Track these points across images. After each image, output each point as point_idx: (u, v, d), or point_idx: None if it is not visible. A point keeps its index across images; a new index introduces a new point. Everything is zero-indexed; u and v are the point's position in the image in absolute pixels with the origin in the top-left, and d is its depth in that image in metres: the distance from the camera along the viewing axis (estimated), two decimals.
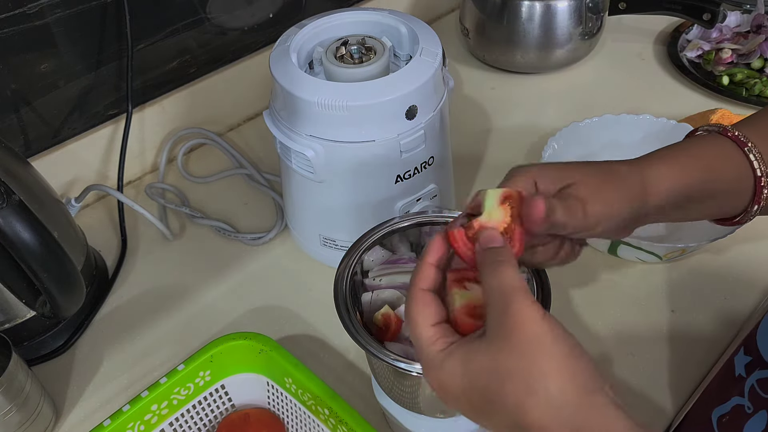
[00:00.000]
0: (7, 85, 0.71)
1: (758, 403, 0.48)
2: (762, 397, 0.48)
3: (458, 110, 0.89)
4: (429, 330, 0.37)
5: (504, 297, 0.35)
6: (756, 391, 0.49)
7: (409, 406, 0.52)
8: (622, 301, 0.67)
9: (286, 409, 0.57)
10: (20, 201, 0.50)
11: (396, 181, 0.64)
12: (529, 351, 0.33)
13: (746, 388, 0.50)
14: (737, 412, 0.50)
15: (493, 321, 0.35)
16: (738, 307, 0.66)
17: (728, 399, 0.51)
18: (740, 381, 0.51)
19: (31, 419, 0.57)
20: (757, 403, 0.48)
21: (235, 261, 0.74)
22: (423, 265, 0.40)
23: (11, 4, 0.67)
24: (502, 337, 0.34)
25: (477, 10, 0.97)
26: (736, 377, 0.51)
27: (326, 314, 0.53)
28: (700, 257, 0.71)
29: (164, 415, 0.54)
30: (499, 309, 0.34)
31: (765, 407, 0.48)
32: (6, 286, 0.58)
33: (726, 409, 0.51)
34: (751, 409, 0.49)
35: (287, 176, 0.69)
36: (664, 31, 1.04)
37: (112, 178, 0.81)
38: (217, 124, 0.90)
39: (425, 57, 0.61)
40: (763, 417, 0.48)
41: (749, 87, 0.91)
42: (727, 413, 0.51)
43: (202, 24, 0.84)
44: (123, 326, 0.68)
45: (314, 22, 0.66)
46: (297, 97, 0.59)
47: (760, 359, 0.49)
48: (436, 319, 0.38)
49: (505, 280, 0.35)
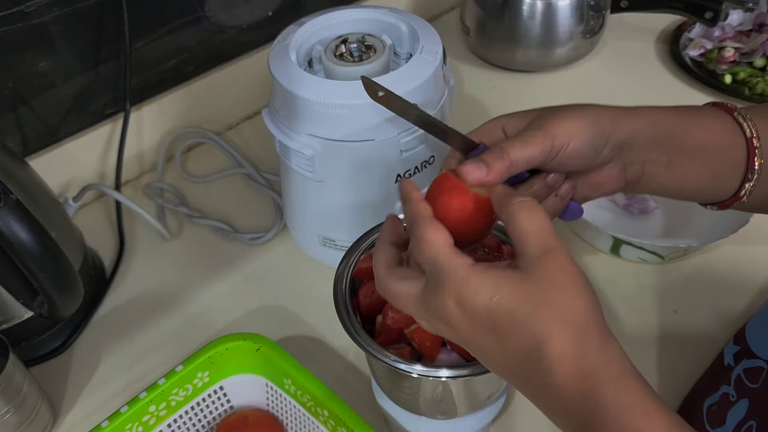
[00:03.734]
0: (5, 84, 0.71)
1: (742, 391, 0.49)
2: (747, 386, 0.48)
3: (459, 109, 0.88)
4: (450, 247, 0.37)
5: (544, 239, 0.36)
6: (742, 379, 0.49)
7: (409, 408, 0.51)
8: (623, 301, 0.67)
9: (285, 410, 0.57)
10: (17, 201, 0.50)
11: (396, 181, 0.63)
12: (567, 287, 0.35)
13: (733, 377, 0.50)
14: (723, 401, 0.50)
15: (531, 258, 0.35)
16: (740, 307, 0.66)
17: (718, 388, 0.51)
18: (728, 370, 0.51)
19: (28, 420, 0.56)
20: (741, 392, 0.49)
21: (234, 261, 0.74)
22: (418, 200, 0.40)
23: (9, 2, 0.67)
24: (540, 272, 0.35)
25: (478, 8, 0.96)
26: (725, 366, 0.52)
27: (326, 315, 0.53)
28: (703, 257, 0.71)
29: (162, 417, 0.54)
30: (538, 249, 0.35)
31: (747, 395, 0.48)
32: (3, 286, 0.57)
33: (715, 398, 0.52)
34: (734, 397, 0.49)
35: (286, 175, 0.69)
36: (666, 29, 1.03)
37: (110, 178, 0.81)
38: (215, 123, 0.90)
39: (425, 55, 0.61)
40: (744, 405, 0.48)
41: (752, 86, 0.91)
42: (716, 402, 0.51)
43: (200, 22, 0.84)
44: (121, 327, 0.68)
45: (313, 20, 0.66)
46: (296, 95, 0.59)
47: (748, 349, 0.49)
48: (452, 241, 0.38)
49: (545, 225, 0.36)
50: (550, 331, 0.34)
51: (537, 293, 0.34)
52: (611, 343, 0.35)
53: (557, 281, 0.35)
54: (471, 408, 0.51)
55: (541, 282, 0.35)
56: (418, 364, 0.44)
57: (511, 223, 0.36)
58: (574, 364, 0.34)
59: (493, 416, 0.54)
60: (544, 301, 0.34)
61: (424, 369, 0.43)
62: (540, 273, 0.35)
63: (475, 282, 0.35)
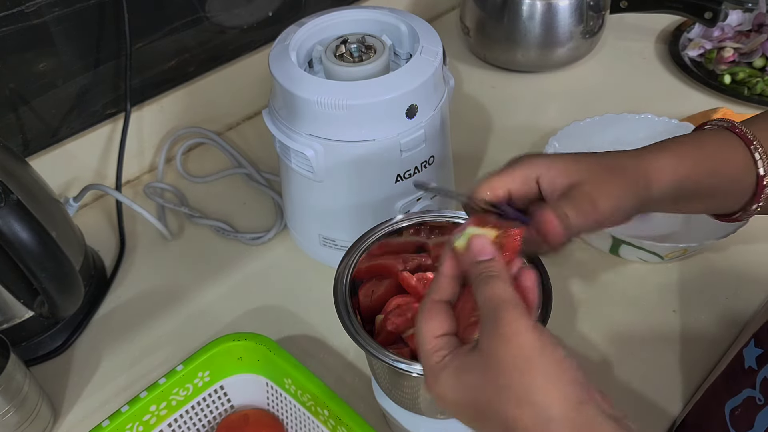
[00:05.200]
0: (5, 84, 0.71)
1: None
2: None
3: (459, 109, 0.88)
4: (432, 341, 0.37)
5: (493, 310, 0.35)
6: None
7: (409, 407, 0.52)
8: (623, 301, 0.67)
9: (286, 409, 0.57)
10: (18, 201, 0.50)
11: (396, 181, 0.64)
12: (516, 366, 0.33)
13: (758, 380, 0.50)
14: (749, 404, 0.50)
15: (485, 334, 0.35)
16: (739, 307, 0.66)
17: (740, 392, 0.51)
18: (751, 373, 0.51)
19: (29, 420, 0.56)
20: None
21: (234, 261, 0.74)
22: (438, 275, 0.40)
23: (9, 2, 0.67)
24: (491, 351, 0.34)
25: (478, 9, 0.96)
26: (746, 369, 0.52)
27: (326, 314, 0.53)
28: (702, 257, 0.71)
29: (163, 416, 0.54)
30: (489, 322, 0.35)
31: None
32: (4, 286, 0.57)
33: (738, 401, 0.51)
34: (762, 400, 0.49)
35: (287, 176, 0.69)
36: (666, 29, 1.03)
37: (111, 178, 0.81)
38: (216, 123, 0.90)
39: (425, 55, 0.61)
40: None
41: (751, 86, 0.91)
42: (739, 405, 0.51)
43: (200, 23, 0.84)
44: (122, 326, 0.68)
45: (313, 21, 0.66)
46: (296, 96, 0.59)
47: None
48: (442, 331, 0.38)
49: (495, 293, 0.36)
50: (512, 416, 0.33)
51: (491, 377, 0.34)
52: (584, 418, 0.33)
53: (507, 360, 0.33)
54: None
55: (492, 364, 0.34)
56: (418, 364, 0.44)
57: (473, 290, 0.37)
58: None
59: None
60: (497, 386, 0.34)
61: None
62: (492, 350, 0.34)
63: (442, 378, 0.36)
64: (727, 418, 0.52)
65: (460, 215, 0.53)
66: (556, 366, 0.33)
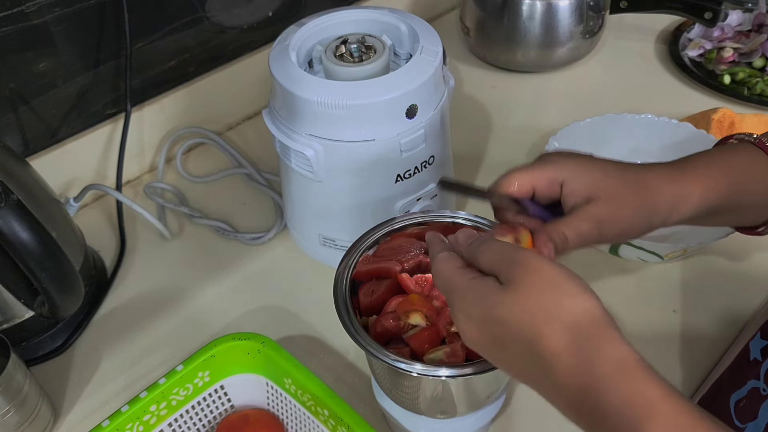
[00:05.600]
0: (5, 84, 0.71)
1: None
2: None
3: (459, 109, 0.88)
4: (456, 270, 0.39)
5: (511, 253, 0.37)
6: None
7: (409, 407, 0.52)
8: (622, 300, 0.67)
9: (286, 409, 0.57)
10: (18, 201, 0.50)
11: (396, 181, 0.64)
12: (545, 288, 0.35)
13: (762, 371, 0.50)
14: (753, 395, 0.50)
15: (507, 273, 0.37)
16: (739, 306, 0.66)
17: (744, 383, 0.52)
18: (756, 365, 0.51)
19: (29, 420, 0.56)
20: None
21: (234, 261, 0.74)
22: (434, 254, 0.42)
23: (9, 2, 0.67)
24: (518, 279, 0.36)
25: (478, 9, 0.96)
26: (751, 361, 0.52)
27: (326, 314, 0.53)
28: (702, 257, 0.71)
29: (163, 416, 0.54)
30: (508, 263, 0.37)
31: None
32: (4, 286, 0.57)
33: (743, 393, 0.52)
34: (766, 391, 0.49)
35: (287, 176, 0.69)
36: (666, 29, 1.03)
37: (111, 178, 0.81)
38: (216, 123, 0.90)
39: (425, 56, 0.61)
40: None
41: (751, 86, 0.91)
42: (744, 397, 0.51)
43: (201, 23, 0.84)
44: (122, 326, 0.68)
45: (314, 21, 0.66)
46: (296, 96, 0.59)
47: None
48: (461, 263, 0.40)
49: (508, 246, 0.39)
50: (540, 332, 0.35)
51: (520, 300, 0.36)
52: (610, 336, 0.35)
53: (537, 284, 0.36)
54: (471, 407, 0.51)
55: (522, 290, 0.36)
56: (418, 364, 0.44)
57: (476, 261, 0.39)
58: (569, 360, 0.34)
59: (492, 415, 0.54)
60: (527, 307, 0.35)
61: (424, 368, 0.44)
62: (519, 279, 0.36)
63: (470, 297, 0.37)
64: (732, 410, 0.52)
65: (460, 215, 0.53)
66: (581, 291, 0.36)
